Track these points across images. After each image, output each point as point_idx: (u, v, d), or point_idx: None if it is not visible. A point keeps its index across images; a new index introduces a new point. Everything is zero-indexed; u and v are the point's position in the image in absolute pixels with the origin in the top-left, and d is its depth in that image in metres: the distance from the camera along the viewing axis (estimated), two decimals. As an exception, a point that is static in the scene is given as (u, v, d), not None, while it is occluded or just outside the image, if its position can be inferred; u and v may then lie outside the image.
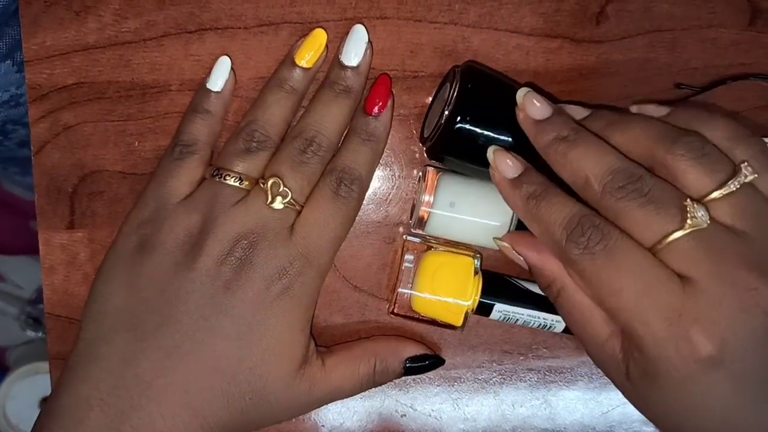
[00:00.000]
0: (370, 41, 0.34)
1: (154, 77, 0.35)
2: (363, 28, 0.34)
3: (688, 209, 0.26)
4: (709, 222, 0.26)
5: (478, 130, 0.32)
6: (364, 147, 0.33)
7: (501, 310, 0.34)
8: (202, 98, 0.34)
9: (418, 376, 0.37)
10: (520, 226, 0.33)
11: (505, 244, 0.32)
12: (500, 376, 0.37)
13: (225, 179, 0.32)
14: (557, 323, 0.34)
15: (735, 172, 0.27)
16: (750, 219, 0.27)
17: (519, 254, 0.31)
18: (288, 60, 0.34)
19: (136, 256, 0.32)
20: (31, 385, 0.79)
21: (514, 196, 0.30)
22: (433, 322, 0.35)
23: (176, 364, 0.30)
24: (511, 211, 0.33)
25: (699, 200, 0.27)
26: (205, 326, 0.30)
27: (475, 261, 0.34)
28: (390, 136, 0.35)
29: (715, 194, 0.27)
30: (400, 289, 0.34)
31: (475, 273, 0.34)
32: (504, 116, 0.32)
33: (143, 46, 0.35)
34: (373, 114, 0.34)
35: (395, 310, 0.35)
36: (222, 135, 0.35)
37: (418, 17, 0.35)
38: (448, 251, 0.34)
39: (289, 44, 0.35)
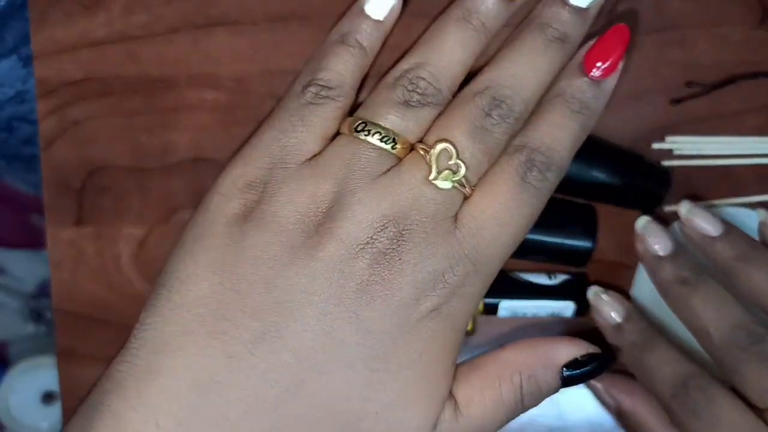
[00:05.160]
0: None
1: (162, 72, 0.35)
2: None
3: None
4: None
5: None
6: (571, 122, 0.25)
7: (506, 307, 0.34)
8: (357, 27, 0.26)
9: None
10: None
11: (598, 386, 0.31)
12: (508, 373, 0.37)
13: (372, 137, 0.23)
14: (566, 308, 0.34)
15: None
16: None
17: (611, 397, 0.31)
18: None
19: (235, 229, 0.23)
20: (33, 378, 0.79)
21: (618, 341, 0.30)
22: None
23: None
24: None
25: None
26: (325, 345, 0.22)
27: None
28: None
29: None
30: None
31: None
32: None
33: (152, 40, 0.34)
34: (594, 77, 0.25)
35: None
36: None
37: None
38: None
39: (299, 39, 0.34)
